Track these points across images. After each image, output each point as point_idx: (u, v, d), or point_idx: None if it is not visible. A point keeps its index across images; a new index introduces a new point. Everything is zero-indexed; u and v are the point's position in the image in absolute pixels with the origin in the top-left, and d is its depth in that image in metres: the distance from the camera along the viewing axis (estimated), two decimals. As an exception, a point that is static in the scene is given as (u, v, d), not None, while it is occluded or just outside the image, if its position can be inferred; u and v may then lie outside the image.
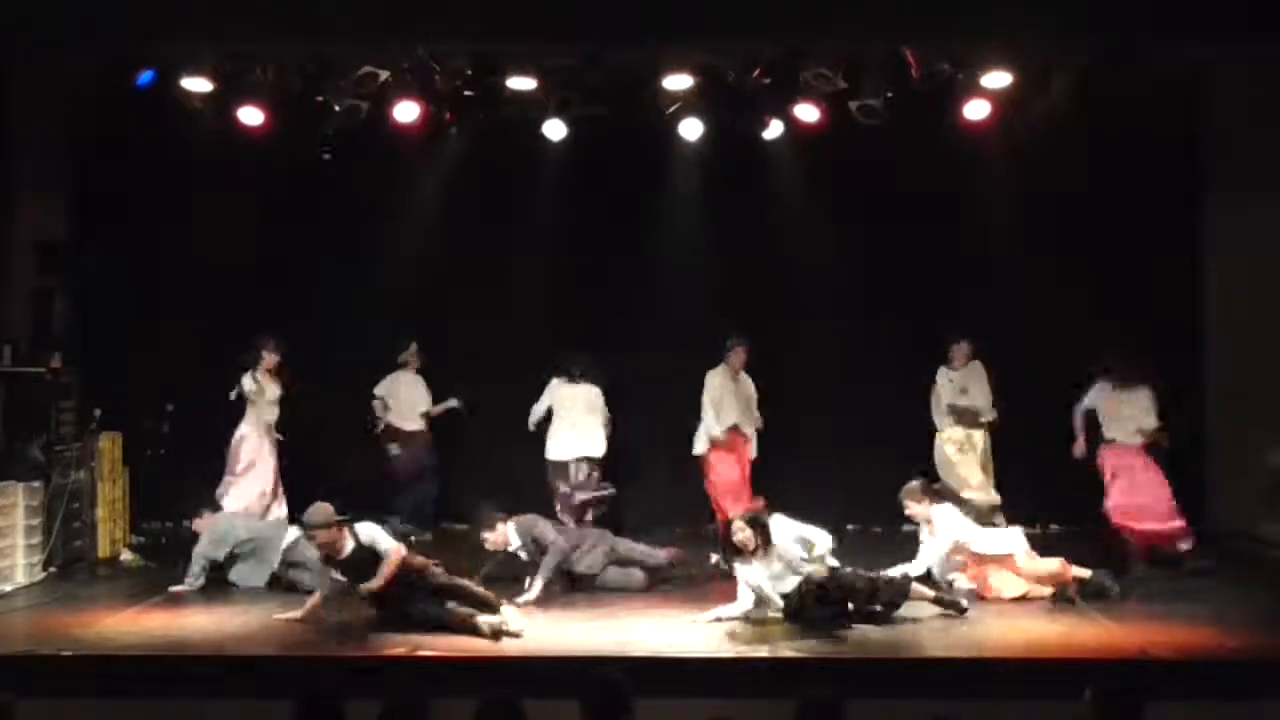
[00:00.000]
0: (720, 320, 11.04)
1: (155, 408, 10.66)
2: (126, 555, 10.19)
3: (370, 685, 6.02)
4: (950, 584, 8.71)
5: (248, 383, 10.33)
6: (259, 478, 10.35)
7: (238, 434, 10.34)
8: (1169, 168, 11.16)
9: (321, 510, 7.93)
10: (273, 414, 10.43)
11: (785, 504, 11.36)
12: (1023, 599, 8.63)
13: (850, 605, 8.04)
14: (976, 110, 10.10)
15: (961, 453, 10.47)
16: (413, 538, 10.17)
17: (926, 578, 8.62)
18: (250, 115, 10.19)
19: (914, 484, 8.93)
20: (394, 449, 11.31)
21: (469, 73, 9.99)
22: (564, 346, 10.84)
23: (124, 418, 10.47)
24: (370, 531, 8.00)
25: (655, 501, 11.33)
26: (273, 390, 10.39)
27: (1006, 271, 11.11)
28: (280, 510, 10.43)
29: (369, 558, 7.88)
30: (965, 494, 10.18)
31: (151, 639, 7.71)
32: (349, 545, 7.90)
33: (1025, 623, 8.15)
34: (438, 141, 10.90)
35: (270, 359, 10.36)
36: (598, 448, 10.65)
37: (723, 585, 8.61)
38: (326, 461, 10.77)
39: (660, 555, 9.30)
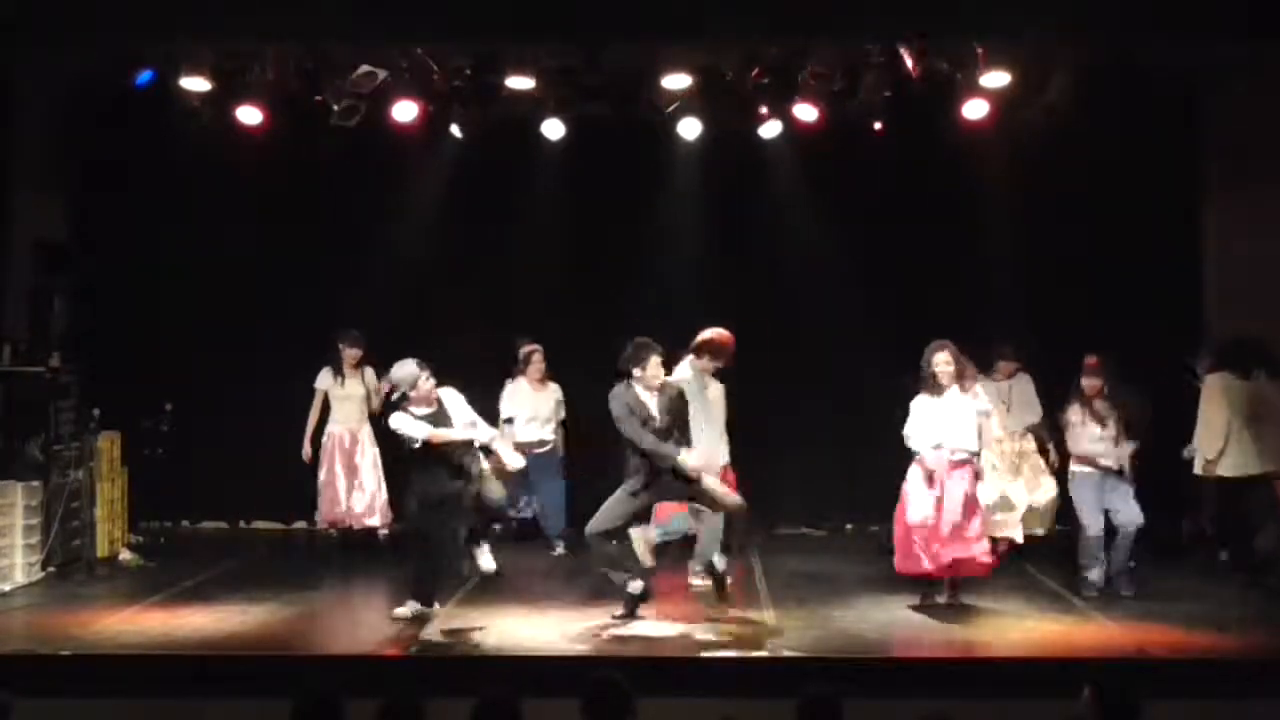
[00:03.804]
0: (719, 321, 11.03)
1: (154, 407, 10.65)
2: (125, 555, 10.19)
3: (369, 685, 6.01)
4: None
5: (320, 378, 10.40)
6: (330, 485, 10.35)
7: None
8: (1169, 167, 11.15)
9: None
10: (345, 413, 10.36)
11: (785, 503, 11.49)
12: None
13: None
14: (975, 110, 10.09)
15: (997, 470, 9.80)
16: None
17: None
18: (249, 115, 10.18)
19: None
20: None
21: (467, 72, 9.98)
22: (558, 346, 10.88)
23: (123, 417, 10.45)
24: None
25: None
26: (354, 387, 10.35)
27: (1006, 271, 11.11)
28: (373, 520, 10.33)
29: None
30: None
31: (150, 639, 7.72)
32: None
33: (1025, 622, 8.16)
34: (436, 141, 10.89)
35: (350, 354, 10.35)
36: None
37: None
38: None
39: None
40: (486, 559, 8.21)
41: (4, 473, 9.48)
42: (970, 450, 8.36)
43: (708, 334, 9.16)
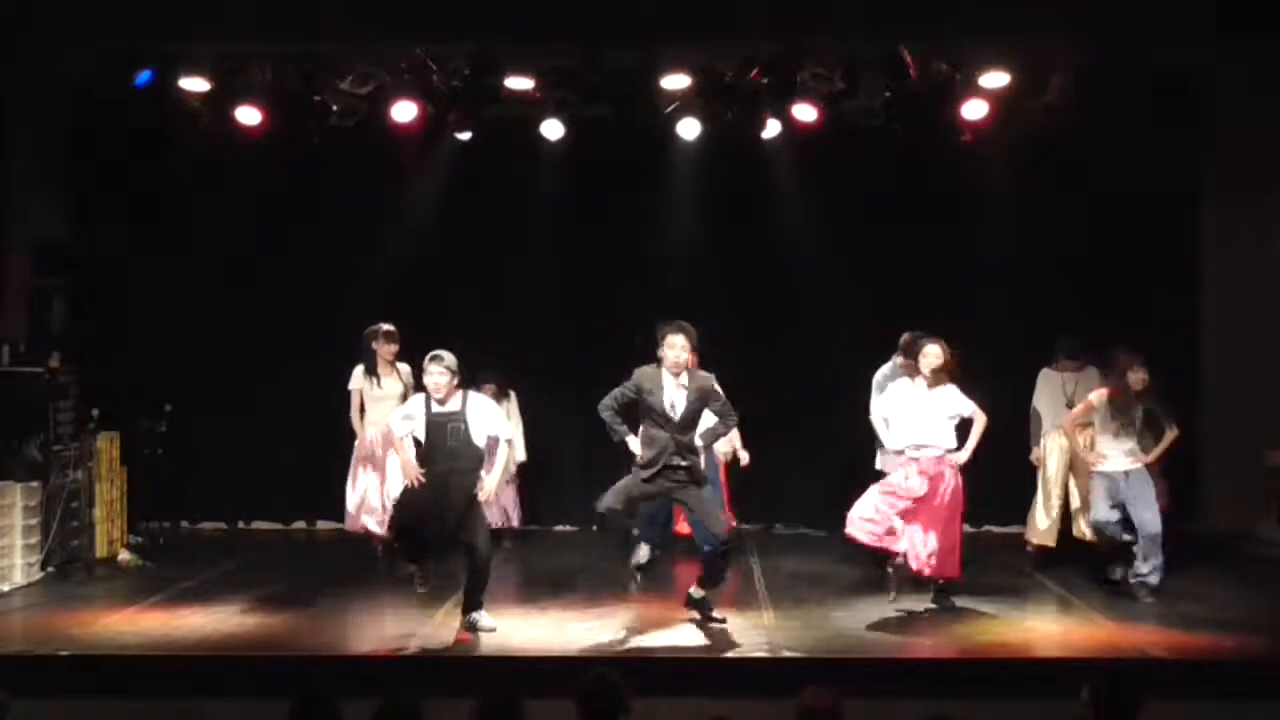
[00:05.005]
0: (719, 321, 11.02)
1: (153, 408, 10.65)
2: (124, 555, 10.18)
3: (368, 685, 6.01)
4: None
5: (353, 378, 9.69)
6: (359, 489, 9.63)
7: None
8: (1168, 168, 11.15)
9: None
10: (382, 414, 9.43)
11: (783, 504, 11.50)
12: None
13: None
14: (974, 110, 10.09)
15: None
16: None
17: None
18: (248, 115, 10.17)
19: None
20: None
21: (467, 72, 9.99)
22: (558, 346, 10.88)
23: (122, 418, 10.45)
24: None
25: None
26: (391, 386, 9.59)
27: (1005, 272, 11.11)
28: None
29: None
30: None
31: (149, 639, 7.72)
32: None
33: (1025, 622, 8.17)
34: (436, 141, 10.88)
35: (386, 350, 9.62)
36: None
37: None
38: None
39: None
40: (486, 620, 7.92)
41: (3, 473, 9.47)
42: (947, 448, 8.32)
43: (910, 335, 9.27)
